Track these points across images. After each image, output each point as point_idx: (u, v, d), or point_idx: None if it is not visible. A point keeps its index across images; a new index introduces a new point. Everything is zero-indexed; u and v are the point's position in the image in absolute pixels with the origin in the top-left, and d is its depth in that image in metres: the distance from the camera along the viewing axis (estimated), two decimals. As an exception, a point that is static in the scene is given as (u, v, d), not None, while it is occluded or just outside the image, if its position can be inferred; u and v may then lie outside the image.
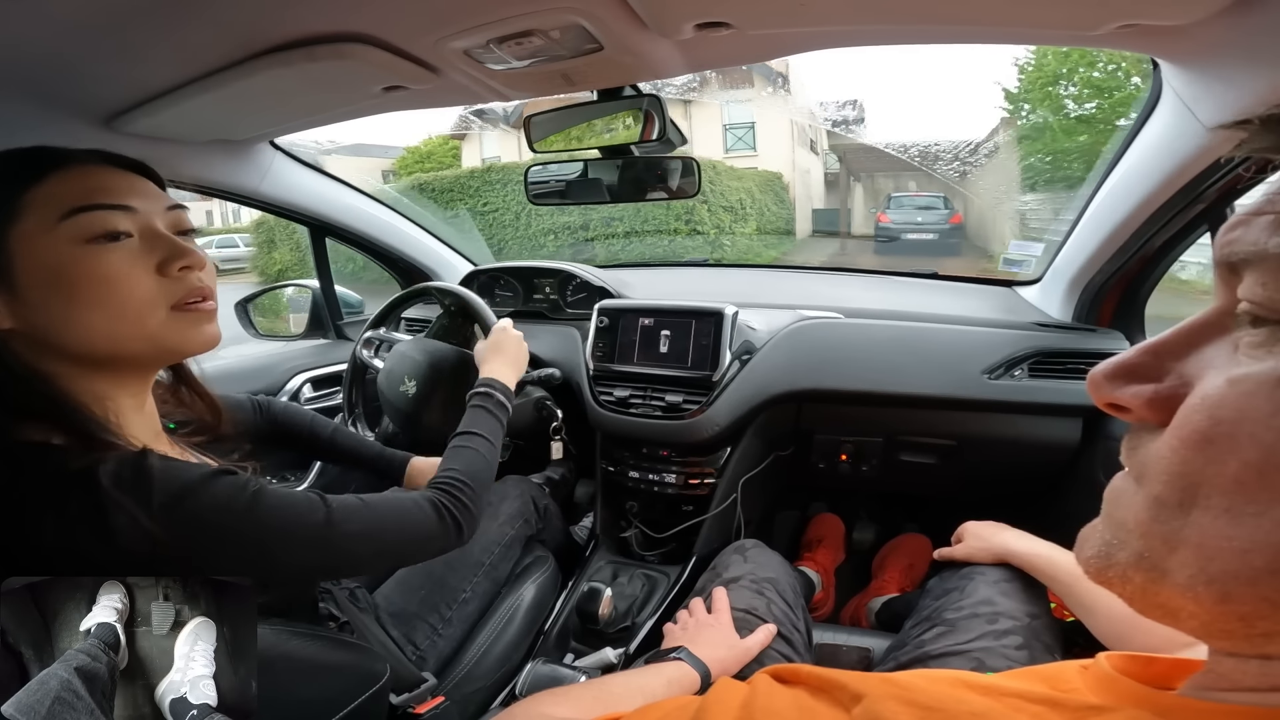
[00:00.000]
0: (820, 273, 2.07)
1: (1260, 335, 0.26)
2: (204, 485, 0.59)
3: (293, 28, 0.72)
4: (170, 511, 0.55)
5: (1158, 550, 0.28)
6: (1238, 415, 0.25)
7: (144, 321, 0.61)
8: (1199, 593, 0.27)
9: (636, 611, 1.25)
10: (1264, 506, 0.25)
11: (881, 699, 0.35)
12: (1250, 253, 0.27)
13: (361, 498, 0.72)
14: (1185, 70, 0.77)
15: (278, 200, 1.39)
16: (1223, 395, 0.26)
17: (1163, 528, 0.28)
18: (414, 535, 0.76)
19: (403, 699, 0.86)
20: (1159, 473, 0.28)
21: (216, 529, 0.58)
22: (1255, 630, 0.26)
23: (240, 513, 0.60)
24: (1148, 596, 0.29)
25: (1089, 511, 0.35)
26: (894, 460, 1.45)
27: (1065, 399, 1.25)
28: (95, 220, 0.59)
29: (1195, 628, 0.28)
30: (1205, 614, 0.27)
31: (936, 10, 0.68)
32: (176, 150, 1.09)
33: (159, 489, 0.55)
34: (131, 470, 0.55)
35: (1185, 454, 0.27)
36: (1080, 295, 1.31)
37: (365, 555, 0.72)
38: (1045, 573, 0.88)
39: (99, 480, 0.53)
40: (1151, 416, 0.29)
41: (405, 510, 0.75)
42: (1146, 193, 0.99)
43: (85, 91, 0.83)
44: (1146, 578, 0.29)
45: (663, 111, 0.94)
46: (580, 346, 1.48)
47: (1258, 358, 0.26)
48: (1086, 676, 0.37)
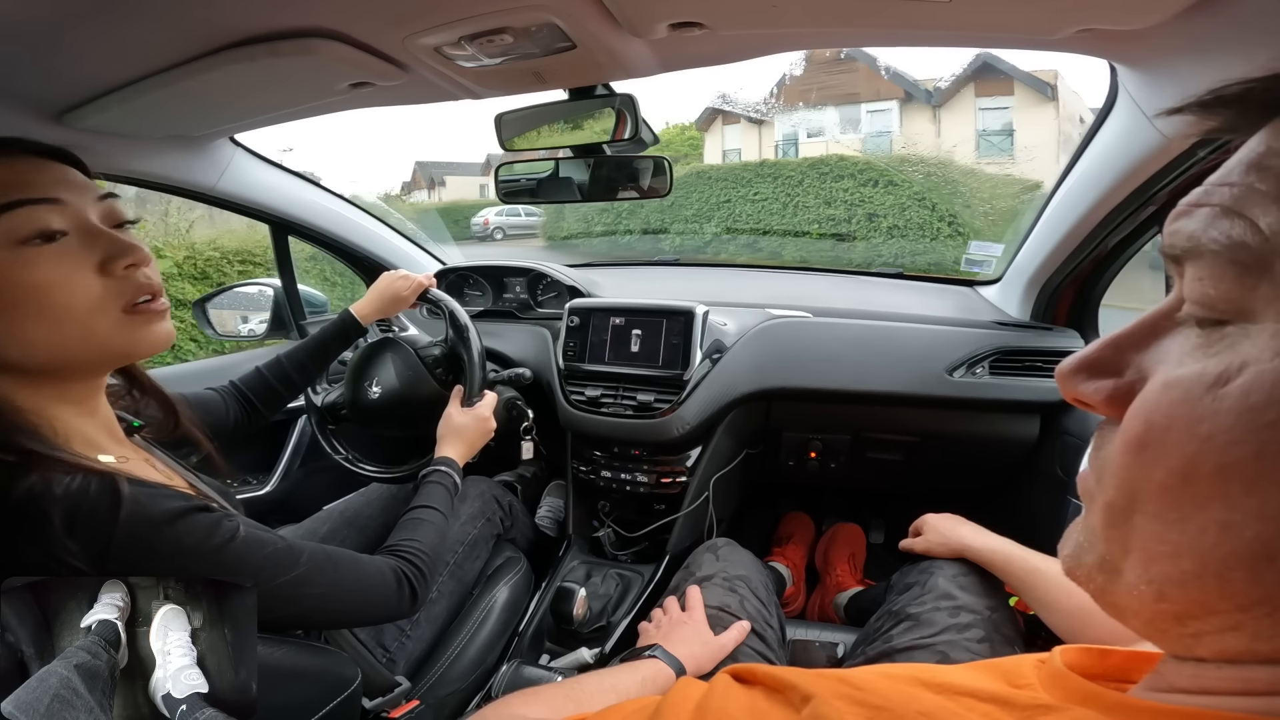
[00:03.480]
0: (788, 272, 2.10)
1: (1200, 337, 0.26)
2: (171, 523, 0.56)
3: (256, 22, 0.70)
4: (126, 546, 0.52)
5: (1116, 554, 0.29)
6: (1167, 421, 0.26)
7: (92, 328, 0.57)
8: (1141, 592, 0.27)
9: (611, 611, 1.25)
10: (1188, 513, 0.25)
11: (829, 699, 0.36)
12: (1187, 247, 0.27)
13: (331, 556, 0.72)
14: (1139, 73, 0.80)
15: (236, 197, 1.35)
16: (1157, 400, 0.26)
17: (1117, 533, 0.28)
18: (372, 601, 0.76)
19: (376, 703, 0.85)
20: (1109, 477, 0.28)
21: (172, 568, 0.55)
22: (1187, 630, 0.27)
23: (204, 554, 0.58)
24: (1106, 595, 0.30)
25: (1046, 505, 0.36)
26: (861, 457, 1.48)
27: (1024, 395, 1.29)
28: (22, 219, 0.54)
29: (1139, 626, 0.29)
30: (1147, 612, 0.28)
31: (901, 14, 0.70)
32: (130, 145, 1.06)
33: (124, 520, 0.52)
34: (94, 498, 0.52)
35: (1126, 459, 0.27)
36: (1038, 295, 1.35)
37: (318, 617, 0.72)
38: (1000, 569, 0.90)
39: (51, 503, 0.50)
40: (1111, 412, 0.30)
41: (368, 576, 0.76)
42: (1101, 194, 1.02)
43: (37, 85, 0.80)
44: (1106, 579, 0.29)
45: (635, 111, 0.94)
46: (551, 346, 1.48)
47: (1195, 359, 0.26)
48: (1041, 671, 0.37)
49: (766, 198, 9.14)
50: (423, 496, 0.94)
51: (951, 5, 0.65)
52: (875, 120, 10.50)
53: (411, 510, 0.91)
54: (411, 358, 1.26)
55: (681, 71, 0.89)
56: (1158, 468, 0.26)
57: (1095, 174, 1.02)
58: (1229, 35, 0.63)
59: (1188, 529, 0.25)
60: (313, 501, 1.33)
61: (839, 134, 10.77)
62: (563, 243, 10.96)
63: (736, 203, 9.27)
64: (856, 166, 7.89)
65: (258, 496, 1.51)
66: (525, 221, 12.08)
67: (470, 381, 1.18)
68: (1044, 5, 0.65)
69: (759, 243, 8.76)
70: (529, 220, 12.00)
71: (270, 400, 1.11)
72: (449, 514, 0.95)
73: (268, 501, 1.51)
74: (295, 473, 1.56)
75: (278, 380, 1.12)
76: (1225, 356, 0.25)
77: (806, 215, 8.83)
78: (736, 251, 8.73)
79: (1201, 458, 0.24)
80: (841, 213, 8.51)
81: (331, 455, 1.32)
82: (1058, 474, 1.23)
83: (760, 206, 9.18)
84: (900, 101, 10.20)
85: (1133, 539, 0.27)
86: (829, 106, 10.91)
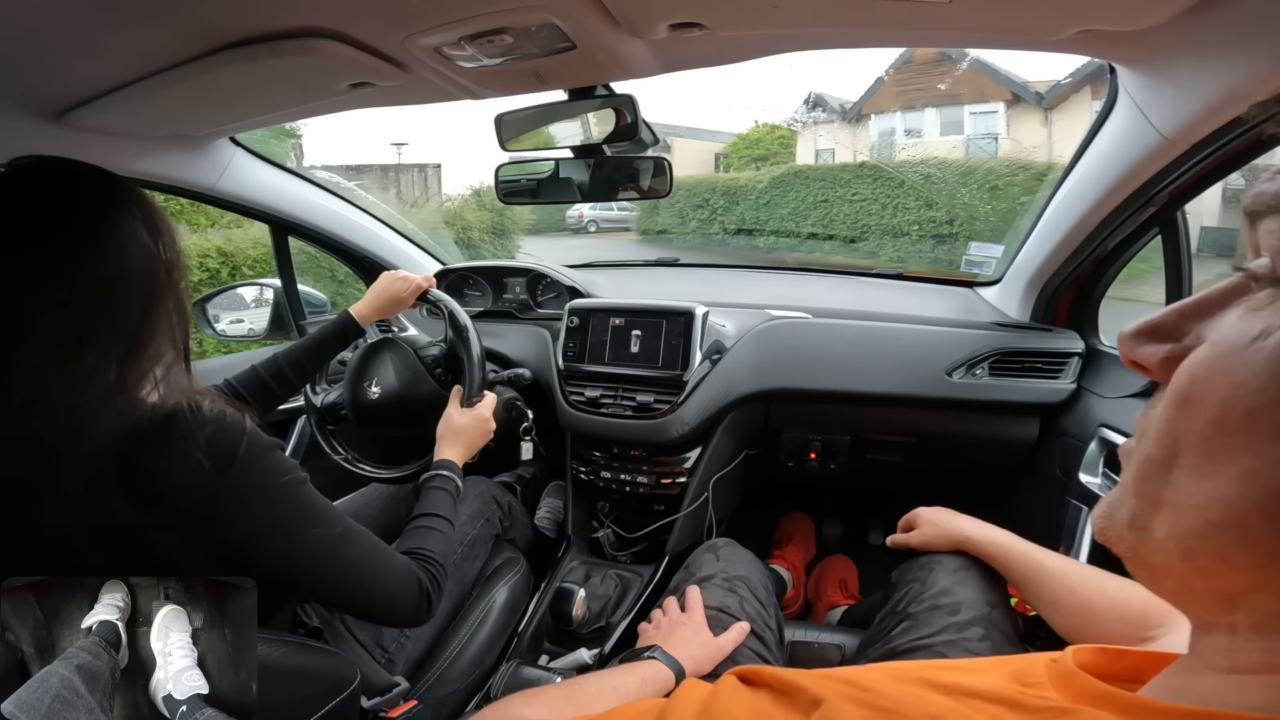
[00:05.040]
0: (788, 273, 2.10)
1: (1261, 297, 0.27)
2: (270, 451, 0.67)
3: (256, 23, 0.70)
4: (246, 461, 0.63)
5: (1145, 510, 0.29)
6: (1208, 374, 0.27)
7: None
8: (1170, 549, 0.28)
9: (610, 612, 1.25)
10: (1220, 463, 0.26)
11: (838, 703, 0.36)
12: (1273, 203, 0.27)
13: (370, 535, 0.76)
14: (1139, 74, 0.80)
15: (235, 197, 1.35)
16: (1204, 357, 0.27)
17: (1149, 487, 0.29)
18: (390, 593, 0.77)
19: (374, 703, 0.85)
20: (1153, 431, 0.29)
21: (267, 482, 0.66)
22: (1216, 588, 0.28)
23: (284, 487, 0.67)
24: (1138, 555, 0.30)
25: (1045, 506, 0.36)
26: (860, 458, 1.48)
27: (1024, 397, 1.29)
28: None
29: (1172, 588, 0.30)
30: (1177, 570, 0.28)
31: (901, 14, 0.70)
32: (130, 145, 1.06)
33: (247, 441, 0.64)
34: (231, 416, 0.64)
35: (1170, 412, 0.28)
36: (1038, 296, 1.35)
37: (344, 584, 0.74)
38: (1001, 561, 0.88)
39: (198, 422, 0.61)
40: (1165, 376, 0.30)
41: (396, 568, 0.78)
42: (1100, 195, 1.02)
43: (37, 85, 0.80)
44: (1136, 537, 0.30)
45: (635, 111, 0.94)
46: (550, 346, 1.48)
47: (1244, 321, 0.27)
48: (1052, 672, 0.37)
49: (865, 198, 9.21)
50: (428, 503, 0.94)
51: (952, 6, 0.65)
52: (980, 122, 10.29)
53: (420, 518, 0.91)
54: (411, 358, 1.26)
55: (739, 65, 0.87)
56: (1197, 419, 0.27)
57: (1095, 175, 1.02)
58: (1229, 36, 0.63)
59: (1219, 480, 0.26)
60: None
61: (939, 135, 10.60)
62: (656, 237, 11.18)
63: (834, 203, 9.35)
64: (962, 168, 7.83)
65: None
66: (618, 216, 12.32)
67: (470, 381, 1.18)
68: (1044, 6, 0.65)
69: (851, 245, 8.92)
70: (621, 215, 12.28)
71: (265, 399, 1.11)
72: (454, 521, 0.95)
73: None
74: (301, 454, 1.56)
75: (273, 379, 1.12)
76: (1269, 314, 0.26)
77: (907, 216, 8.87)
78: (832, 250, 8.85)
79: (1233, 404, 0.25)
80: (943, 214, 8.52)
81: (331, 455, 1.32)
82: (1057, 475, 1.23)
83: (859, 207, 9.25)
84: (1007, 103, 9.96)
85: (1165, 493, 0.28)
86: (929, 108, 10.69)
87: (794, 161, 11.96)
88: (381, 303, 1.22)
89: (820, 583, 1.60)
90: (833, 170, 10.06)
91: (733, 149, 14.55)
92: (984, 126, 10.23)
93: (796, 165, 11.20)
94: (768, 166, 11.59)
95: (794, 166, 10.82)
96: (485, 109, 1.01)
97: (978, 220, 8.70)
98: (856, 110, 11.58)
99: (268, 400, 1.12)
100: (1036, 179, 7.58)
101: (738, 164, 13.61)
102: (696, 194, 10.97)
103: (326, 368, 1.30)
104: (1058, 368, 1.29)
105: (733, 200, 10.67)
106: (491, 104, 0.99)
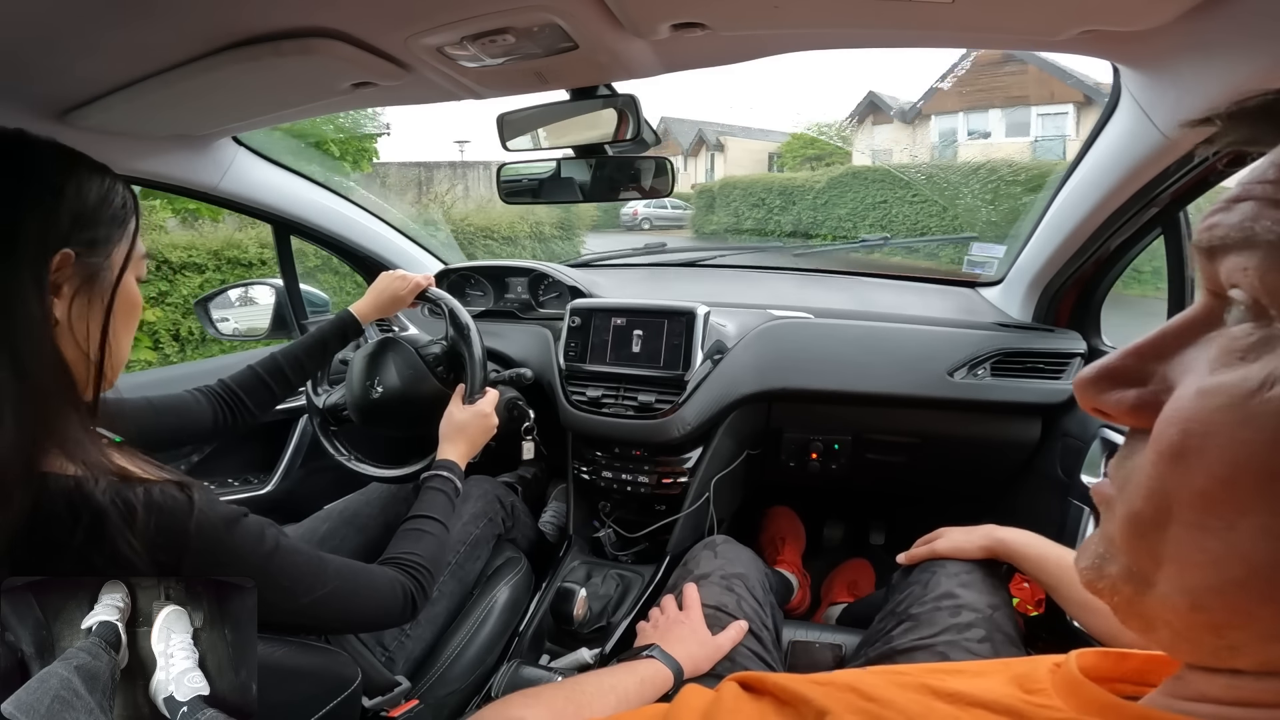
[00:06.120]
0: (789, 273, 2.09)
1: (1237, 333, 0.26)
2: (230, 528, 0.60)
3: (259, 22, 0.70)
4: (199, 554, 0.56)
5: (1145, 565, 0.28)
6: (1206, 429, 0.25)
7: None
8: (1175, 603, 0.27)
9: (611, 611, 1.25)
10: (1232, 520, 0.25)
11: (845, 715, 0.35)
12: (1237, 238, 0.26)
13: (350, 568, 0.75)
14: (1142, 75, 0.80)
15: (238, 197, 1.35)
16: (1193, 407, 0.26)
17: (1145, 544, 0.28)
18: (378, 612, 0.78)
19: (375, 702, 0.85)
20: (1137, 487, 0.28)
21: (230, 570, 0.59)
22: (1224, 641, 0.27)
23: (256, 561, 0.62)
24: (1132, 607, 0.29)
25: (1047, 507, 0.35)
26: (862, 459, 1.48)
27: (1025, 397, 1.29)
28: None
29: (1167, 637, 0.29)
30: (1179, 623, 0.27)
31: (903, 15, 0.70)
32: (133, 145, 1.06)
33: (195, 527, 0.55)
34: (172, 500, 0.55)
35: (1161, 469, 0.27)
36: (1040, 296, 1.35)
37: (332, 620, 0.75)
38: (1035, 563, 0.87)
39: (130, 513, 0.51)
40: (1134, 422, 0.29)
41: (379, 589, 0.78)
42: (1103, 196, 1.02)
43: (40, 84, 0.80)
44: (1134, 590, 0.29)
45: (637, 111, 0.94)
46: (552, 346, 1.48)
47: (1230, 365, 0.26)
48: (1056, 678, 0.37)
49: (926, 200, 9.09)
50: (424, 505, 0.94)
51: (954, 6, 0.65)
52: (1048, 124, 10.13)
53: (412, 519, 0.91)
54: (412, 357, 1.26)
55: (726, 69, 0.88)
56: (1197, 475, 0.25)
57: (1098, 175, 1.02)
58: (1232, 37, 0.63)
59: (1230, 536, 0.25)
60: (313, 501, 1.33)
61: (1004, 136, 10.47)
62: (710, 235, 11.15)
63: (893, 204, 9.24)
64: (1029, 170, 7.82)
65: (258, 496, 1.51)
66: (672, 214, 12.46)
67: (471, 378, 1.18)
68: (1047, 6, 0.65)
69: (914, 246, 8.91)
70: (675, 213, 12.40)
71: (262, 399, 1.09)
72: (449, 522, 0.94)
73: (268, 501, 1.51)
74: (296, 472, 1.56)
75: (271, 378, 1.10)
76: (1269, 361, 0.24)
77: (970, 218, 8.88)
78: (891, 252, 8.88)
79: (1246, 463, 0.24)
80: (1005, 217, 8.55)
81: (334, 456, 1.32)
82: (1059, 476, 1.23)
83: (919, 209, 9.16)
84: (1078, 105, 9.74)
85: (1165, 549, 0.27)
86: (993, 108, 10.55)
87: (850, 162, 11.85)
88: (381, 302, 1.22)
89: (833, 583, 1.61)
90: (891, 171, 9.95)
91: (787, 149, 14.58)
92: (1053, 127, 10.08)
93: (855, 166, 11.07)
94: (823, 166, 11.53)
95: (852, 167, 10.71)
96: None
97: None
98: (916, 111, 11.51)
99: (266, 400, 1.10)
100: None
101: (792, 164, 13.59)
102: (753, 193, 10.93)
103: (328, 368, 1.30)
104: (1060, 368, 1.29)
105: (789, 200, 10.61)
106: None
